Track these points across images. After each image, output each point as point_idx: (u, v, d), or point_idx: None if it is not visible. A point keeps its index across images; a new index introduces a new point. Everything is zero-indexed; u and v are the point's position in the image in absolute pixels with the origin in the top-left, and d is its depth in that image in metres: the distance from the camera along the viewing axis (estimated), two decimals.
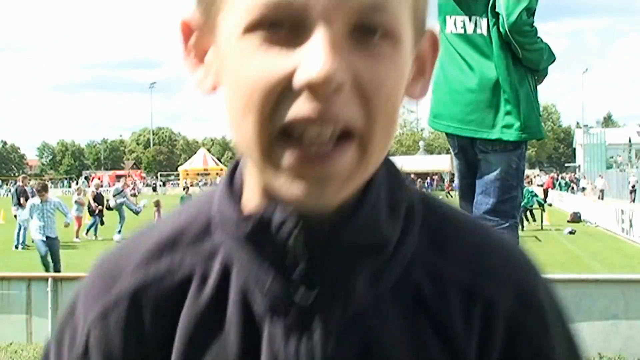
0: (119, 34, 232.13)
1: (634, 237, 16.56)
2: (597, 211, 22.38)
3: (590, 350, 5.66)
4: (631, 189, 36.06)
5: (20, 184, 17.70)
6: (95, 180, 24.14)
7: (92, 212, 19.01)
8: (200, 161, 70.40)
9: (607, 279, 6.38)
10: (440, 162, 70.70)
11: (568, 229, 18.92)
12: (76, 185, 43.52)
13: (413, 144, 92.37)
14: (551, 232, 19.16)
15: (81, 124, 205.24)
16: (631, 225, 17.01)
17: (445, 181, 60.09)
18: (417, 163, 70.22)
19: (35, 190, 11.97)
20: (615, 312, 5.75)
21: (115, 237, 17.89)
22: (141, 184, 63.49)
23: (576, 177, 51.32)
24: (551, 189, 38.73)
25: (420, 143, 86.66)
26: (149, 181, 79.26)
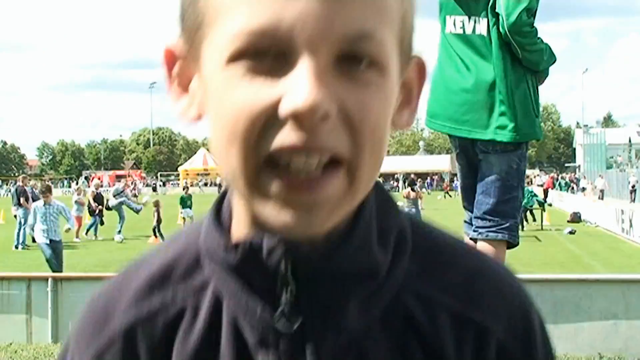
0: (119, 34, 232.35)
1: (634, 237, 16.56)
2: (597, 211, 22.39)
3: (590, 350, 5.65)
4: (631, 189, 36.09)
5: (20, 184, 17.70)
6: (95, 180, 24.16)
7: (92, 212, 19.04)
8: (200, 161, 70.46)
9: (607, 279, 6.39)
10: (440, 162, 70.74)
11: (568, 229, 18.94)
12: (76, 185, 43.55)
13: (413, 144, 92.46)
14: (551, 232, 19.18)
15: (81, 124, 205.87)
16: (631, 225, 17.02)
17: (445, 181, 60.12)
18: (417, 163, 70.35)
19: (39, 192, 11.96)
20: (615, 312, 5.75)
21: (116, 237, 17.92)
22: (141, 184, 63.50)
23: (576, 177, 51.34)
24: (551, 189, 38.73)
25: (420, 143, 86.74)
26: (149, 181, 79.27)
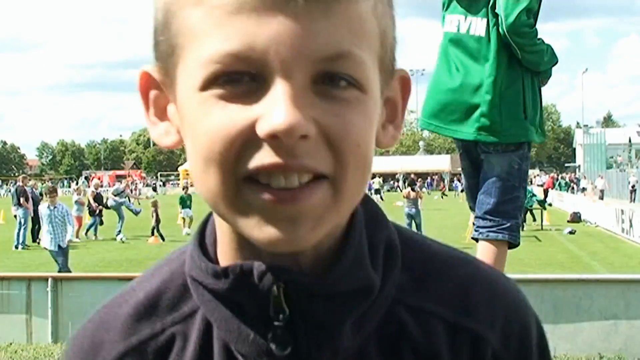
0: (119, 34, 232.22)
1: (633, 237, 16.55)
2: (597, 211, 22.36)
3: (590, 350, 5.65)
4: (631, 189, 36.09)
5: (20, 184, 17.70)
6: (95, 180, 24.13)
7: (92, 212, 19.03)
8: None
9: (607, 279, 6.40)
10: (440, 162, 70.82)
11: (568, 229, 18.93)
12: (76, 185, 43.53)
13: (413, 144, 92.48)
14: (551, 232, 19.18)
15: (81, 124, 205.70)
16: (631, 225, 17.00)
17: (446, 181, 60.12)
18: (417, 163, 70.40)
19: (45, 193, 11.94)
20: (615, 312, 5.75)
21: (118, 237, 17.93)
22: (141, 184, 63.51)
23: (576, 177, 51.31)
24: (551, 189, 38.69)
25: (420, 143, 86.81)
26: (149, 181, 79.22)
